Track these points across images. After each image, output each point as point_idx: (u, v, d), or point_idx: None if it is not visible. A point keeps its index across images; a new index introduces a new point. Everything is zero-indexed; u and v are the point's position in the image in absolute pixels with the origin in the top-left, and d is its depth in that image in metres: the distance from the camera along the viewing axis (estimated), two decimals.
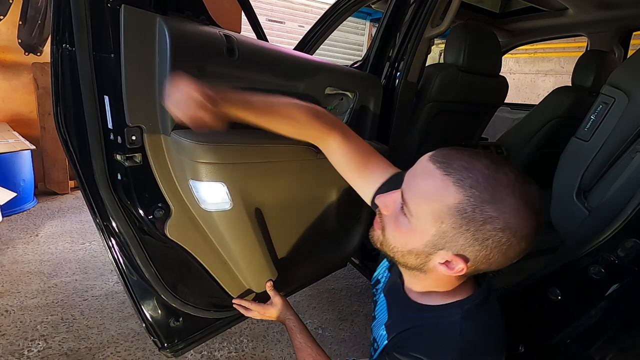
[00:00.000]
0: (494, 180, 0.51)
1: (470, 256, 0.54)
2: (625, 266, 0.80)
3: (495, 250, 0.53)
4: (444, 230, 0.54)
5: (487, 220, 0.51)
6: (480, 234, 0.52)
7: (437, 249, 0.57)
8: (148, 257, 0.94)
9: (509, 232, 0.51)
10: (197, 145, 0.82)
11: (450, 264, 0.57)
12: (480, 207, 0.51)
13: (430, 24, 1.36)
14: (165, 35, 0.77)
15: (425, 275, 0.64)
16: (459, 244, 0.54)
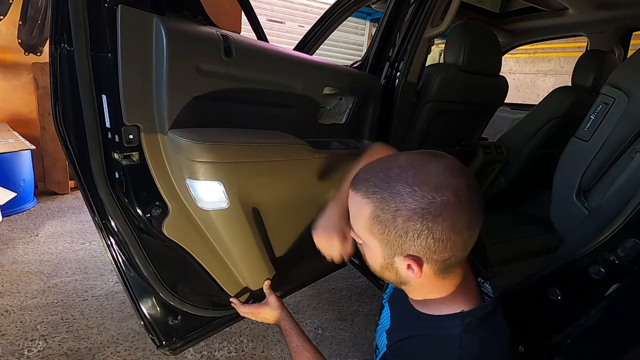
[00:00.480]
0: (388, 179, 0.55)
1: (414, 251, 0.55)
2: (625, 266, 0.80)
3: (426, 238, 0.53)
4: (380, 240, 0.57)
5: (395, 215, 0.53)
6: (400, 230, 0.54)
7: (392, 257, 0.59)
8: (146, 256, 0.94)
9: (417, 217, 0.52)
10: (194, 144, 0.82)
11: (410, 267, 0.57)
12: (385, 207, 0.54)
13: (430, 24, 1.36)
14: (162, 36, 0.77)
15: (411, 286, 0.64)
16: (397, 246, 0.56)
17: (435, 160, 0.55)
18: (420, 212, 0.52)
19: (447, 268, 0.59)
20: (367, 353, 1.69)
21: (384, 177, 0.56)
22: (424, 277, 0.59)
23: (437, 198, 0.52)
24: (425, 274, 0.58)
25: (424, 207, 0.52)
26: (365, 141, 1.35)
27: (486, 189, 2.17)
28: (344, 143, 1.27)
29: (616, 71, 1.28)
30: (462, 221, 0.53)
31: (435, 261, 0.56)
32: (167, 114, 0.83)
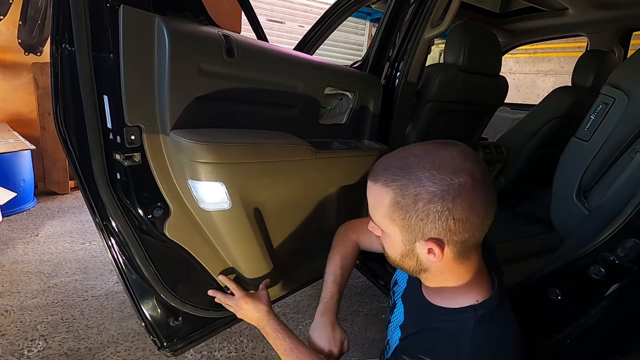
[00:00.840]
0: (406, 166, 0.58)
1: (435, 234, 0.58)
2: (625, 266, 0.80)
3: (445, 219, 0.56)
4: (401, 226, 0.60)
5: (416, 199, 0.56)
6: (421, 214, 0.57)
7: (412, 243, 0.61)
8: (147, 257, 0.94)
9: (437, 199, 0.55)
10: (195, 145, 0.82)
11: (432, 250, 0.60)
12: (405, 192, 0.57)
13: (430, 24, 1.36)
14: (164, 36, 0.77)
15: (430, 273, 0.66)
16: (419, 231, 0.59)
17: (449, 147, 0.59)
18: (440, 194, 0.55)
19: (465, 251, 0.61)
20: (367, 353, 1.69)
21: (402, 165, 0.59)
22: (444, 261, 0.61)
23: (455, 180, 0.55)
24: (445, 257, 0.60)
25: (443, 189, 0.55)
26: (365, 141, 1.35)
27: None
28: (345, 143, 1.27)
29: (616, 71, 1.28)
30: (480, 202, 0.56)
31: (455, 242, 0.59)
32: (169, 115, 0.83)
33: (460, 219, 0.56)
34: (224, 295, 1.04)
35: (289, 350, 0.86)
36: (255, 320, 0.96)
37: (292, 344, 0.87)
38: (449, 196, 0.55)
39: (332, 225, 1.32)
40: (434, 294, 0.71)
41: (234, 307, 1.01)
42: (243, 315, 0.99)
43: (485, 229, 0.60)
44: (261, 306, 0.96)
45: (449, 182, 0.55)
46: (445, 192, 0.55)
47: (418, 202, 0.56)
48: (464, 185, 0.55)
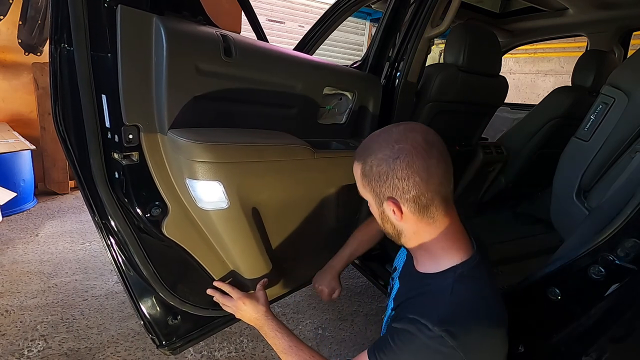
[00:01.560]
0: (366, 144, 0.74)
1: (390, 194, 0.70)
2: (625, 266, 0.80)
3: (392, 178, 0.68)
4: (370, 191, 0.74)
5: (371, 165, 0.71)
6: (376, 177, 0.70)
7: (381, 206, 0.74)
8: (146, 256, 0.94)
9: (382, 162, 0.69)
10: (193, 144, 0.82)
11: (393, 210, 0.71)
12: (366, 161, 0.72)
13: (430, 24, 1.36)
14: (162, 36, 0.77)
15: (406, 236, 0.76)
16: (379, 192, 0.72)
17: (401, 125, 0.73)
18: (384, 158, 0.69)
19: (423, 209, 0.70)
20: None
21: (365, 143, 0.75)
22: (409, 220, 0.72)
23: (395, 146, 0.68)
24: (406, 217, 0.71)
25: (386, 154, 0.68)
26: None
27: (486, 189, 2.16)
28: (344, 143, 1.27)
29: (616, 71, 1.28)
30: (418, 163, 0.66)
31: (407, 200, 0.69)
32: (166, 114, 0.83)
33: (402, 177, 0.67)
34: (222, 295, 1.03)
35: (288, 348, 0.86)
36: (254, 320, 0.96)
37: (291, 342, 0.87)
38: (390, 159, 0.68)
39: (330, 225, 1.32)
40: (419, 262, 0.80)
41: (232, 308, 1.01)
42: (241, 315, 0.99)
43: (437, 191, 0.68)
44: (259, 307, 0.96)
45: (391, 148, 0.68)
46: (387, 156, 0.68)
47: (372, 168, 0.70)
48: (402, 150, 0.67)
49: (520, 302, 1.01)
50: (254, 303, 0.97)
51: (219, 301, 1.04)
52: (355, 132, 1.36)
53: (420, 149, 0.67)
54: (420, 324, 0.66)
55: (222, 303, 1.03)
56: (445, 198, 0.70)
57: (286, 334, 0.89)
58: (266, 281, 1.09)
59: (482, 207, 2.23)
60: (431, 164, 0.67)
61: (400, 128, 0.71)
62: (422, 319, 0.67)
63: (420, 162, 0.66)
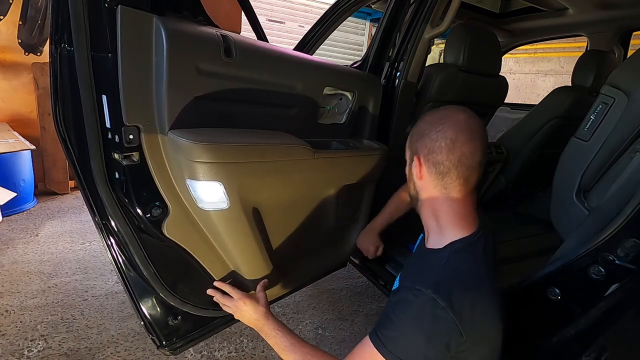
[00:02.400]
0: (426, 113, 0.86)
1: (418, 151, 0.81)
2: (625, 266, 0.80)
3: (428, 135, 0.79)
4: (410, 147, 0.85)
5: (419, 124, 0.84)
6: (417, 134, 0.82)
7: (411, 162, 0.84)
8: (146, 256, 0.94)
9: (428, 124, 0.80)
10: (194, 145, 0.82)
11: (416, 168, 0.81)
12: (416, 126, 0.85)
13: (430, 24, 1.36)
14: (162, 36, 0.78)
15: (423, 199, 0.84)
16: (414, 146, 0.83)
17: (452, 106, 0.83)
18: (430, 121, 0.80)
19: (439, 175, 0.78)
20: None
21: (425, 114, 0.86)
22: (425, 181, 0.81)
23: (442, 116, 0.79)
24: (424, 177, 0.80)
25: (430, 122, 0.80)
26: (364, 141, 1.35)
27: (486, 189, 2.16)
28: (344, 143, 1.27)
29: (616, 71, 1.28)
30: (450, 132, 0.76)
31: (429, 160, 0.79)
32: (167, 114, 0.83)
33: (433, 138, 0.77)
34: (222, 295, 1.03)
35: (290, 345, 0.86)
36: (254, 321, 0.96)
37: (292, 340, 0.87)
38: (431, 125, 0.79)
39: (330, 225, 1.32)
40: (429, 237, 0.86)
41: (232, 309, 1.01)
42: (241, 316, 0.99)
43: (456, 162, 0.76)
44: (259, 307, 0.96)
45: (436, 119, 0.79)
46: (432, 121, 0.79)
47: (419, 127, 0.82)
48: (445, 118, 0.78)
49: (520, 302, 1.01)
50: (254, 304, 0.97)
51: (219, 301, 1.04)
52: (355, 132, 1.36)
53: (458, 124, 0.76)
54: (415, 290, 0.72)
55: (222, 303, 1.03)
56: (465, 177, 0.77)
57: (287, 332, 0.89)
58: (266, 282, 1.09)
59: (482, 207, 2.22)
60: (459, 139, 0.75)
61: (454, 107, 0.82)
62: (417, 285, 0.72)
63: (451, 133, 0.76)
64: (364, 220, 1.43)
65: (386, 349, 0.70)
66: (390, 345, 0.70)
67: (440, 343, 0.69)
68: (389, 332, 0.72)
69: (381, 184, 1.44)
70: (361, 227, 1.43)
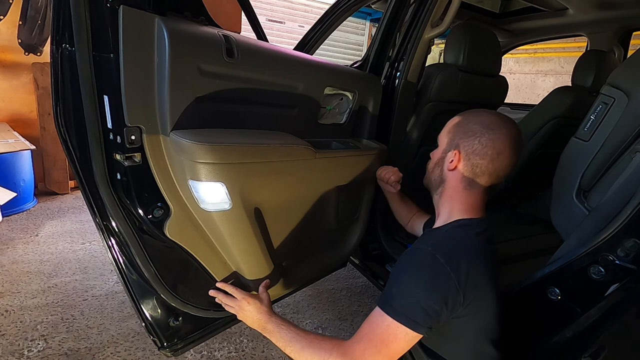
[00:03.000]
0: (480, 110, 0.91)
1: (461, 146, 0.87)
2: (625, 266, 0.80)
3: (474, 138, 0.85)
4: (450, 137, 0.90)
5: (470, 121, 0.88)
6: (466, 130, 0.87)
7: (447, 151, 0.90)
8: (147, 257, 0.94)
9: (482, 126, 0.85)
10: (196, 145, 0.82)
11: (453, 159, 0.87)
12: (469, 118, 0.89)
13: (430, 24, 1.36)
14: (164, 36, 0.77)
15: (445, 187, 0.91)
16: (456, 141, 0.88)
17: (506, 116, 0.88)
18: (483, 124, 0.85)
19: (471, 174, 0.86)
20: None
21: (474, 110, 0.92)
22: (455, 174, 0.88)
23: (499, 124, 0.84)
24: (457, 170, 0.88)
25: (486, 123, 0.85)
26: (364, 141, 1.35)
27: None
28: (344, 143, 1.27)
29: (616, 71, 1.28)
30: (500, 144, 0.82)
31: (468, 159, 0.86)
32: (169, 115, 0.83)
33: (483, 143, 0.83)
34: (225, 296, 1.03)
35: (296, 336, 0.86)
36: (257, 321, 0.95)
37: (296, 331, 0.87)
38: (483, 128, 0.84)
39: (330, 225, 1.32)
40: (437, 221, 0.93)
41: (235, 309, 1.00)
42: (244, 316, 0.98)
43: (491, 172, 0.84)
44: (263, 307, 0.96)
45: (490, 124, 0.84)
46: (487, 125, 0.84)
47: (469, 123, 0.87)
48: (500, 128, 0.83)
49: (520, 302, 1.01)
50: (257, 304, 0.97)
51: (222, 302, 1.03)
52: (355, 131, 1.36)
53: (509, 138, 0.83)
54: (416, 249, 0.81)
55: (225, 303, 1.03)
56: (491, 183, 0.87)
57: (291, 325, 0.89)
58: (268, 282, 1.09)
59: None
60: (505, 153, 0.83)
61: (508, 118, 0.87)
62: (419, 245, 0.82)
63: (500, 145, 0.82)
64: (364, 220, 1.43)
65: (390, 306, 0.76)
66: (393, 301, 0.76)
67: (438, 296, 0.74)
68: (393, 292, 0.78)
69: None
70: (361, 227, 1.43)
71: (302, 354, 0.82)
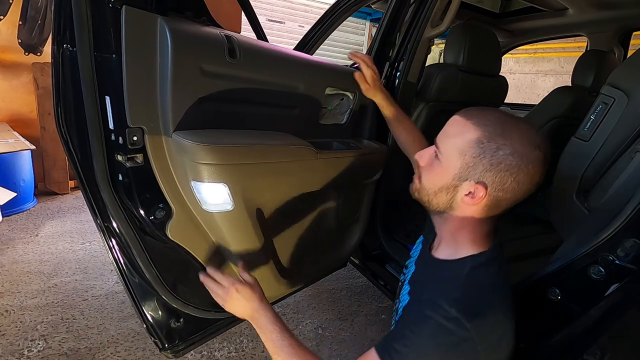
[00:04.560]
0: (503, 121, 0.67)
1: (489, 182, 0.66)
2: (625, 266, 0.80)
3: (508, 174, 0.65)
4: (467, 162, 0.67)
5: (499, 147, 0.64)
6: (494, 159, 0.65)
7: (462, 181, 0.69)
8: (149, 258, 0.94)
9: (517, 155, 0.64)
10: (198, 146, 0.82)
11: (473, 193, 0.68)
12: (494, 138, 0.65)
13: (430, 24, 1.36)
14: (167, 36, 0.77)
15: (454, 215, 0.74)
16: (479, 172, 0.67)
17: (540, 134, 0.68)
18: (521, 153, 0.64)
19: (494, 209, 0.70)
20: None
21: (499, 117, 0.68)
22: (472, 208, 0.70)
23: (536, 152, 0.65)
24: (476, 205, 0.69)
25: (526, 152, 0.64)
26: (365, 141, 1.35)
27: None
28: (345, 143, 1.27)
29: (616, 71, 1.28)
30: (536, 178, 0.66)
31: (495, 197, 0.68)
32: (171, 116, 0.83)
33: (518, 181, 0.65)
34: (214, 283, 0.92)
35: (288, 346, 0.78)
36: (248, 310, 0.85)
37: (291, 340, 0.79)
38: (526, 159, 0.64)
39: (331, 225, 1.33)
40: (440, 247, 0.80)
41: (223, 297, 0.88)
42: (233, 306, 0.87)
43: (516, 202, 0.70)
44: (255, 295, 0.86)
45: (533, 150, 0.64)
46: (524, 155, 0.64)
47: (500, 151, 0.64)
48: (539, 159, 0.65)
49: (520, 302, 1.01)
50: (247, 291, 0.86)
51: (210, 288, 0.92)
52: (355, 132, 1.36)
53: (545, 163, 0.67)
54: (436, 305, 0.66)
55: (214, 291, 0.91)
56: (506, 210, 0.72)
57: (284, 328, 0.81)
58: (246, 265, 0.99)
59: None
60: (537, 182, 0.68)
61: (542, 137, 0.67)
62: (438, 300, 0.66)
63: (537, 178, 0.67)
64: (364, 220, 1.43)
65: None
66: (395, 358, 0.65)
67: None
68: (399, 347, 0.66)
69: (381, 183, 1.44)
70: (361, 227, 1.43)
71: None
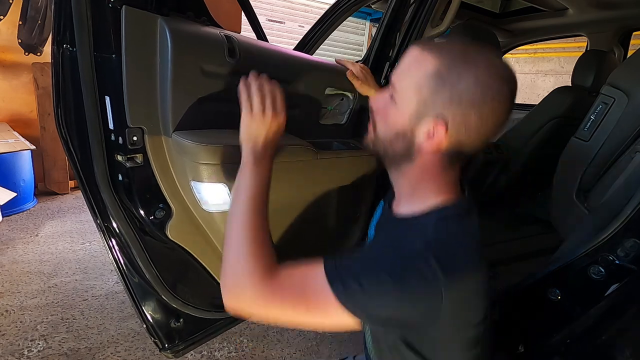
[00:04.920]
0: (465, 48, 0.59)
1: (449, 117, 0.57)
2: (625, 266, 0.80)
3: (470, 108, 0.56)
4: (424, 97, 0.58)
5: (461, 78, 0.56)
6: (455, 92, 0.56)
7: (420, 118, 0.59)
8: (149, 258, 0.94)
9: (480, 86, 0.55)
10: (198, 146, 0.82)
11: (432, 132, 0.59)
12: (454, 68, 0.56)
13: (430, 24, 1.36)
14: (167, 37, 0.77)
15: (413, 166, 0.64)
16: (438, 106, 0.57)
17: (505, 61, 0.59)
18: (487, 84, 0.55)
19: (455, 156, 0.61)
20: None
21: (461, 46, 0.59)
22: (431, 155, 0.61)
23: (502, 85, 0.56)
24: (437, 147, 0.60)
25: (492, 84, 0.55)
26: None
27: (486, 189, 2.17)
28: (345, 143, 1.27)
29: (616, 71, 1.28)
30: (502, 116, 0.58)
31: (457, 140, 0.59)
32: (171, 116, 0.83)
33: (481, 116, 0.56)
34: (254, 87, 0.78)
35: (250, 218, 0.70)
36: (253, 139, 0.75)
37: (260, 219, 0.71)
38: (491, 92, 0.55)
39: (331, 225, 1.32)
40: (401, 202, 0.69)
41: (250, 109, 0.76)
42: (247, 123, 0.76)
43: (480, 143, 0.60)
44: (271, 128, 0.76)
45: (499, 82, 0.56)
46: (489, 87, 0.55)
47: (461, 81, 0.55)
48: (504, 94, 0.56)
49: (520, 302, 1.02)
50: (274, 124, 0.77)
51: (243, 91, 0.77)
52: (355, 132, 1.36)
53: (512, 99, 0.58)
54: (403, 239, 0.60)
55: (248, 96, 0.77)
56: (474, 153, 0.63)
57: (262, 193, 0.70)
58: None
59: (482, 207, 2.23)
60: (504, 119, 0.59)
61: (510, 70, 0.58)
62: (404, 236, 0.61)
63: (503, 115, 0.58)
64: (364, 220, 1.43)
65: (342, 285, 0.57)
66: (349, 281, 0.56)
67: (414, 306, 0.56)
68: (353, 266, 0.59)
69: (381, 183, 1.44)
70: (361, 227, 1.43)
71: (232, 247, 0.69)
